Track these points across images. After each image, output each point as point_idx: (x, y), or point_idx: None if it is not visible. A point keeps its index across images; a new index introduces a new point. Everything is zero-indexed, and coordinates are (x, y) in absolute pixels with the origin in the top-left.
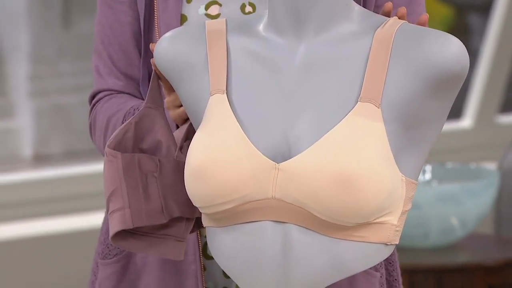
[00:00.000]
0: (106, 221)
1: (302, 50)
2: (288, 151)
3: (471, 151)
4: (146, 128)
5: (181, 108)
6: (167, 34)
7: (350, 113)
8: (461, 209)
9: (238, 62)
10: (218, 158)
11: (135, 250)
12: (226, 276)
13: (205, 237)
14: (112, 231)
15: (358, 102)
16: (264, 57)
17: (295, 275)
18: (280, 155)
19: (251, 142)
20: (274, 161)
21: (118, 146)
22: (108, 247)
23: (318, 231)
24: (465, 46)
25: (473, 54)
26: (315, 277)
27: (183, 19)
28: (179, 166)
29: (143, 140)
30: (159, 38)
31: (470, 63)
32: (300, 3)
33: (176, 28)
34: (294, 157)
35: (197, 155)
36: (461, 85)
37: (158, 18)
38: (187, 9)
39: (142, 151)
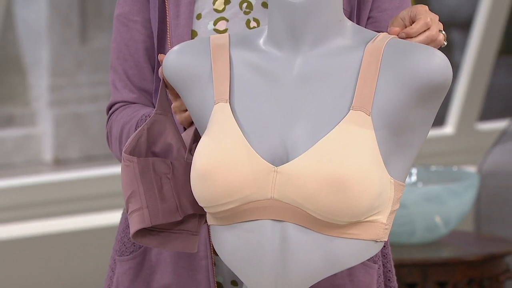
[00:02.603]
0: (122, 222)
1: (299, 63)
2: (286, 156)
3: (453, 155)
4: (157, 133)
5: (187, 112)
6: (175, 48)
7: (342, 120)
8: (444, 209)
9: (240, 73)
10: (222, 162)
11: (154, 246)
12: None
13: None
14: (132, 230)
15: (350, 110)
16: (264, 69)
17: (292, 269)
18: (279, 159)
19: (252, 147)
20: (273, 164)
21: (133, 151)
22: (124, 245)
23: (313, 229)
24: (448, 60)
25: (455, 67)
26: (310, 271)
27: (193, 34)
28: (189, 167)
29: (155, 144)
30: None
31: (452, 75)
32: (296, 21)
33: (183, 43)
34: (291, 161)
35: (202, 159)
36: (445, 95)
37: (170, 34)
38: (197, 25)
39: (155, 154)
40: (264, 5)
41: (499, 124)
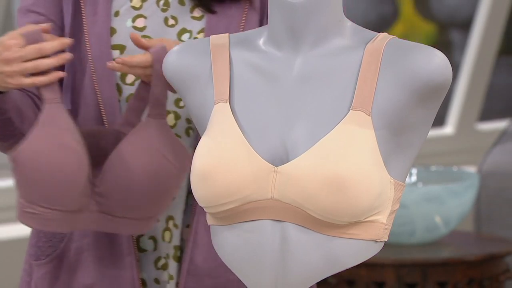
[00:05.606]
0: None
1: (299, 63)
2: (286, 156)
3: (453, 155)
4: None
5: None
6: (175, 48)
7: (342, 120)
8: (444, 209)
9: (240, 74)
10: (222, 162)
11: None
12: (157, 268)
13: None
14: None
15: (350, 110)
16: (264, 69)
17: (292, 269)
18: (278, 159)
19: (252, 147)
20: (272, 164)
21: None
22: (40, 249)
23: (313, 229)
24: (448, 60)
25: (455, 67)
26: (310, 271)
27: (112, 32)
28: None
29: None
30: (89, 49)
31: (452, 75)
32: (296, 21)
33: (183, 43)
34: (291, 161)
35: (202, 159)
36: (445, 94)
37: (88, 31)
38: (116, 23)
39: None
40: (181, 2)
41: (499, 124)
